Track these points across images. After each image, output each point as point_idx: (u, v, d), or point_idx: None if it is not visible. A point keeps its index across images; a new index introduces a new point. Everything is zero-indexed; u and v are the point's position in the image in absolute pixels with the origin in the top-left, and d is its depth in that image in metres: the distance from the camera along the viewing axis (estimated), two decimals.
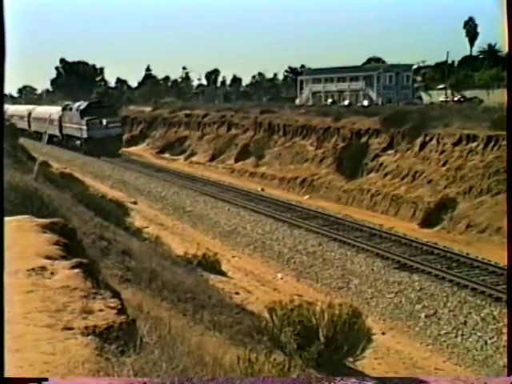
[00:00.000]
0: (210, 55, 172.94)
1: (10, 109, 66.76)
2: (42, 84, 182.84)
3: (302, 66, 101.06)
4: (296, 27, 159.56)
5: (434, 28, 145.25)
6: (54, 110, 57.44)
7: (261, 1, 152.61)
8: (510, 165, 5.28)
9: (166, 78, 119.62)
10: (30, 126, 60.92)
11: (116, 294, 5.02)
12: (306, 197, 33.45)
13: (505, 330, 14.81)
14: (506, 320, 15.12)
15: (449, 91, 71.84)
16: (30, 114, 62.08)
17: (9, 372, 3.72)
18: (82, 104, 51.98)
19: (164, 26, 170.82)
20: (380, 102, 69.92)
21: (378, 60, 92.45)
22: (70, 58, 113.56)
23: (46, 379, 3.62)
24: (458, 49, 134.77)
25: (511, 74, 5.05)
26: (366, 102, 67.74)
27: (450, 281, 17.59)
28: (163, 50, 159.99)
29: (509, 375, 5.77)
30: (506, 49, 4.83)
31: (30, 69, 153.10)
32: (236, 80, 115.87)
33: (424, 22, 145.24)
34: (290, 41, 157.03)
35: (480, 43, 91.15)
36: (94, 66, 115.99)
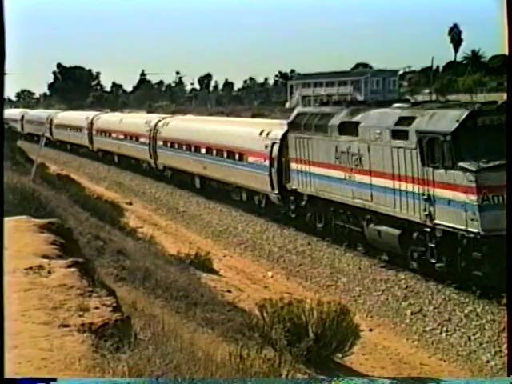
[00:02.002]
0: (202, 60, 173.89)
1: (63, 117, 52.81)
2: (40, 88, 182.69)
3: (292, 71, 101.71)
4: (286, 33, 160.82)
5: (419, 34, 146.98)
6: (256, 133, 24.15)
7: (251, 7, 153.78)
8: (510, 165, 5.19)
9: (160, 83, 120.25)
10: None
11: (111, 292, 5.16)
12: None
13: (488, 327, 15.01)
14: (488, 317, 15.48)
15: (433, 96, 72.45)
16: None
17: (9, 369, 3.73)
18: (432, 115, 15.14)
19: (158, 31, 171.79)
20: None
21: (366, 65, 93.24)
22: (68, 62, 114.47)
23: (54, 379, 3.64)
24: (442, 54, 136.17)
25: (511, 75, 5.02)
26: None
27: (435, 279, 17.45)
28: (157, 54, 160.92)
29: (509, 375, 5.78)
30: (506, 49, 4.78)
31: (28, 73, 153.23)
32: (228, 84, 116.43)
33: (410, 28, 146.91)
34: (281, 46, 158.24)
35: (464, 49, 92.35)
36: (89, 70, 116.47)
